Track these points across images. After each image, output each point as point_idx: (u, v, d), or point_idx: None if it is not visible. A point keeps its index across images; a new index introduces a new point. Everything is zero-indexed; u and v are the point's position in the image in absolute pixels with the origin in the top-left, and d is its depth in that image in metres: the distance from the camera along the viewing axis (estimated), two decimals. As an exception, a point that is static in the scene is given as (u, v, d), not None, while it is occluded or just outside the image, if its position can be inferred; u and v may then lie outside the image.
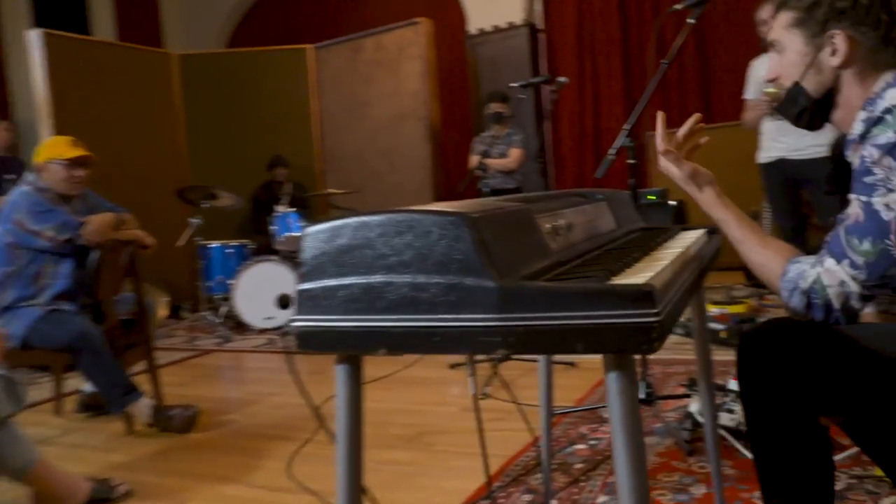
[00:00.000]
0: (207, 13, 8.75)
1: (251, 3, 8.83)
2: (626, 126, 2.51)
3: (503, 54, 6.89)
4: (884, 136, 1.09)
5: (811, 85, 1.29)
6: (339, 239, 0.96)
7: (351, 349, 0.96)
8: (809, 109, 1.30)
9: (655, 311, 0.78)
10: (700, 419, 2.30)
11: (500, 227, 0.94)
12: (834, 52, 1.25)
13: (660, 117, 1.41)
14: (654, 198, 4.91)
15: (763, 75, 4.01)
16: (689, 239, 1.50)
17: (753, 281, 4.70)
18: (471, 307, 0.85)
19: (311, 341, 0.96)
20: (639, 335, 0.78)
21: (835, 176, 2.42)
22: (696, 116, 1.45)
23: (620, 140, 2.49)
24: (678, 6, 2.47)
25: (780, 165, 3.92)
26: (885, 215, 1.10)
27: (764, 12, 3.86)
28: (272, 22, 8.56)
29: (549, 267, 1.01)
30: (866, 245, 1.12)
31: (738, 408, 2.27)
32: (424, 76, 6.68)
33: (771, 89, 3.70)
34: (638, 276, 0.96)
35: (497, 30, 6.92)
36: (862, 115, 1.22)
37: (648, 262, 1.11)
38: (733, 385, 2.38)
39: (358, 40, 7.08)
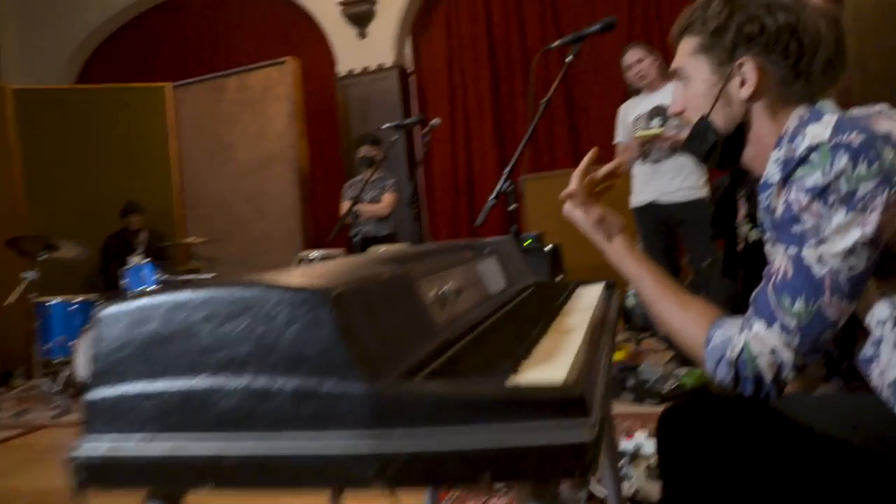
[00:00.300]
0: (53, 45, 8.06)
1: (103, 36, 8.23)
2: (506, 170, 2.35)
3: (374, 96, 6.73)
4: (811, 178, 0.95)
5: (720, 119, 1.15)
6: (146, 325, 0.69)
7: (163, 485, 0.68)
8: (719, 147, 1.16)
9: (588, 419, 0.57)
10: (598, 491, 2.09)
11: (372, 303, 0.70)
12: (743, 83, 1.12)
13: (591, 153, 1.24)
14: (529, 242, 4.86)
15: (632, 119, 4.09)
16: (590, 298, 1.32)
17: (630, 325, 4.70)
18: (333, 423, 0.61)
19: (106, 476, 0.68)
20: (568, 457, 0.56)
21: (717, 219, 2.38)
22: (616, 161, 1.29)
23: (501, 185, 2.33)
24: (555, 44, 2.37)
25: (652, 209, 3.94)
26: (818, 270, 0.96)
27: (629, 57, 3.91)
28: (128, 57, 7.99)
29: (435, 351, 0.78)
30: (798, 306, 0.97)
31: (633, 472, 2.11)
32: (291, 117, 6.40)
33: (642, 132, 3.71)
34: (550, 363, 0.75)
35: (367, 71, 6.77)
36: (776, 153, 1.09)
37: (556, 338, 0.91)
38: (627, 445, 2.23)
39: (220, 79, 6.71)
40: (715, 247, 3.94)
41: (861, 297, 0.98)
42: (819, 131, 0.98)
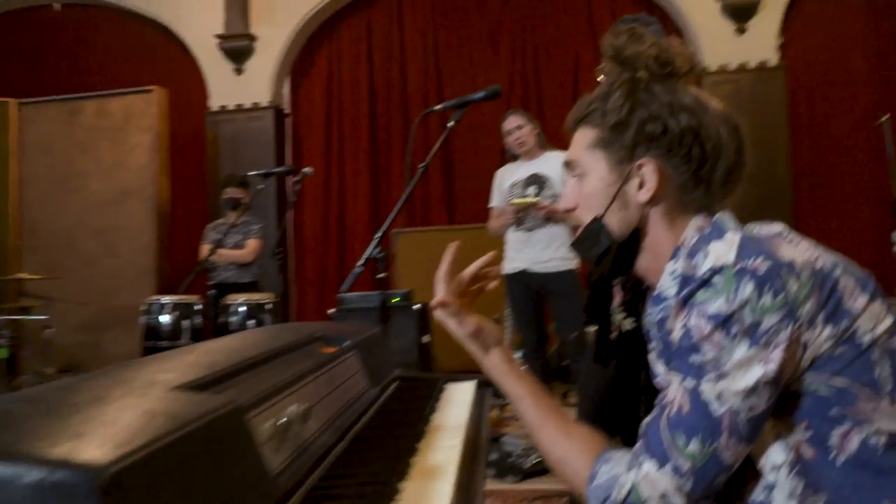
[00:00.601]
0: None
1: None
2: (377, 235, 2.19)
3: (246, 135, 6.42)
4: (713, 304, 0.86)
5: (614, 222, 1.05)
6: None
7: None
8: (613, 252, 1.06)
9: None
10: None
11: (171, 473, 0.51)
12: (641, 185, 1.03)
13: (450, 251, 1.10)
14: (398, 300, 4.71)
15: (508, 185, 4.07)
16: (460, 406, 1.16)
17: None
18: None
19: None
20: None
21: (591, 304, 2.33)
22: (489, 255, 1.15)
23: (370, 251, 2.17)
24: (438, 107, 2.27)
25: (523, 277, 3.90)
26: (716, 408, 0.85)
27: (509, 123, 3.90)
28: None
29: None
30: (693, 446, 0.86)
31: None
32: (154, 150, 5.97)
33: (518, 200, 3.67)
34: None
35: (241, 109, 6.46)
36: (672, 265, 1.00)
37: (421, 486, 0.74)
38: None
39: (76, 101, 6.18)
40: (583, 319, 3.95)
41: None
42: (723, 251, 0.89)
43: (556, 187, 3.78)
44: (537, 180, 3.84)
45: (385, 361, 1.35)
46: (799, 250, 0.88)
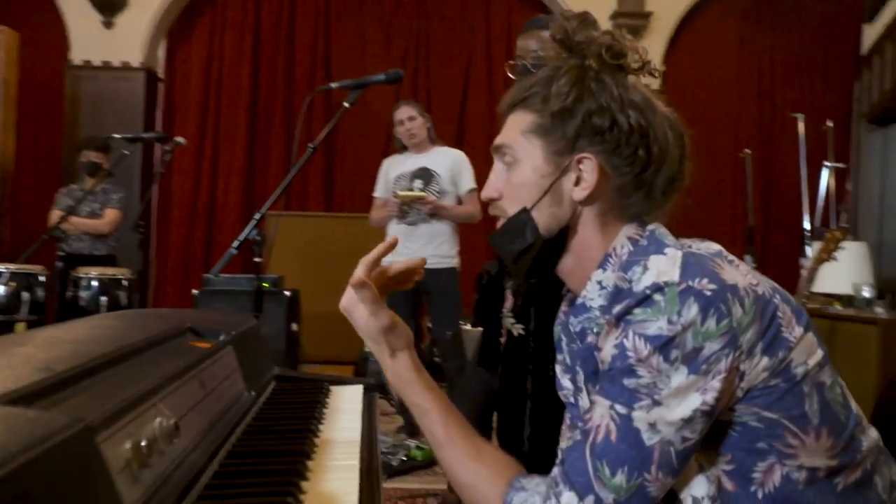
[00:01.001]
0: None
1: None
2: (256, 216, 2.01)
3: (113, 96, 5.89)
4: (653, 324, 0.78)
5: (544, 217, 0.95)
6: None
7: None
8: (535, 250, 0.96)
9: None
10: None
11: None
12: (578, 182, 0.94)
13: (388, 243, 0.97)
14: (267, 285, 4.47)
15: (394, 176, 3.95)
16: (348, 417, 1.03)
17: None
18: None
19: None
20: None
21: (480, 306, 2.26)
22: (392, 239, 1.02)
23: (248, 232, 1.98)
24: (335, 85, 2.11)
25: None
26: (648, 438, 0.77)
27: (402, 113, 3.78)
28: None
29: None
30: (619, 478, 0.78)
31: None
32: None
33: (404, 192, 3.57)
34: None
35: (108, 66, 5.93)
36: (600, 274, 0.92)
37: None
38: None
39: None
40: (459, 317, 3.91)
41: None
42: (666, 268, 0.81)
43: (443, 183, 3.71)
44: (425, 174, 3.75)
45: (263, 358, 1.19)
46: (740, 273, 0.82)
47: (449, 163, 3.76)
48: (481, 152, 6.12)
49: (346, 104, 2.09)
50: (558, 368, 1.11)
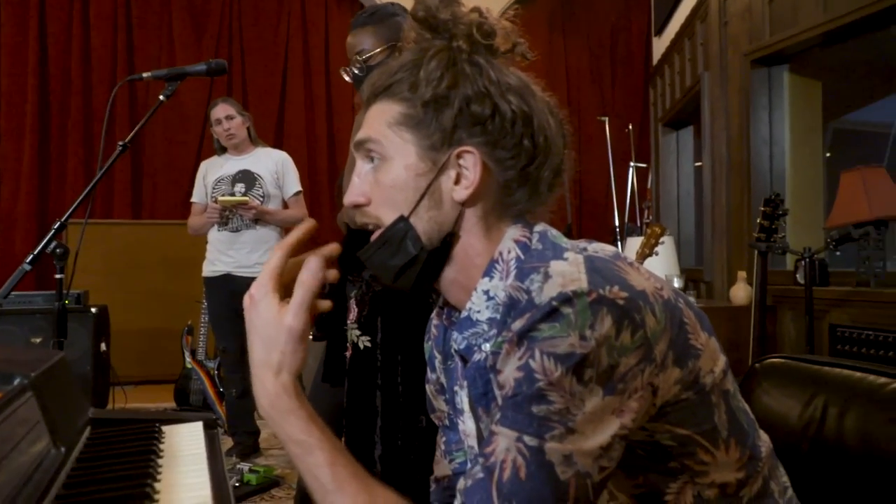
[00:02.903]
0: None
1: None
2: (56, 226, 1.72)
3: None
4: (563, 342, 0.68)
5: (423, 223, 0.82)
6: None
7: None
8: (420, 264, 0.83)
9: None
10: None
11: None
12: (458, 180, 0.82)
13: (305, 226, 0.81)
14: (67, 303, 3.97)
15: (213, 179, 3.65)
16: (191, 460, 0.85)
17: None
18: None
19: None
20: None
21: (322, 318, 2.08)
22: (309, 224, 0.84)
23: (46, 244, 1.68)
24: (147, 75, 1.86)
25: (225, 281, 3.51)
26: (563, 472, 0.67)
27: (219, 111, 3.50)
28: None
29: None
30: (531, 518, 0.67)
31: None
32: None
33: (225, 197, 3.31)
34: None
35: None
36: (486, 283, 0.81)
37: None
38: None
39: None
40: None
41: None
42: (572, 274, 0.71)
43: (267, 186, 3.49)
44: (246, 177, 3.50)
45: (73, 401, 0.96)
46: (643, 277, 0.75)
47: (272, 165, 3.55)
48: (303, 154, 5.93)
49: (161, 97, 1.85)
50: (430, 388, 0.99)
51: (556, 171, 0.84)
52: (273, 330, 0.75)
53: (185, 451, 0.91)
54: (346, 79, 1.99)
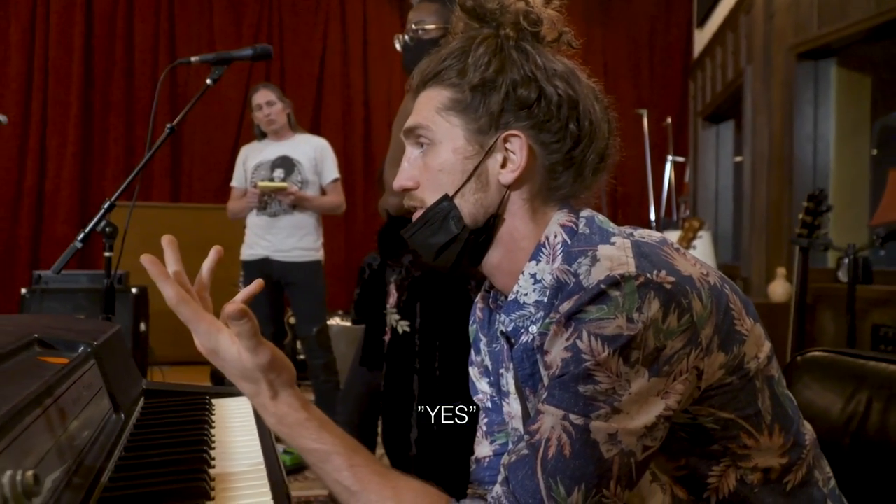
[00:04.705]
0: None
1: None
2: (106, 205, 1.77)
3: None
4: (611, 323, 0.69)
5: (469, 205, 0.84)
6: None
7: None
8: (461, 243, 0.84)
9: None
10: None
11: None
12: (505, 163, 0.84)
13: (167, 244, 0.84)
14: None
15: (253, 165, 3.70)
16: (241, 431, 0.88)
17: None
18: None
19: None
20: None
21: (361, 302, 2.11)
22: (217, 251, 0.90)
23: (97, 223, 1.73)
24: (195, 59, 1.90)
25: (263, 265, 3.56)
26: (607, 451, 0.69)
27: (260, 97, 3.54)
28: None
29: None
30: (575, 496, 0.69)
31: None
32: None
33: (264, 183, 3.35)
34: None
35: None
36: (533, 266, 0.82)
37: None
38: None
39: None
40: (324, 314, 3.74)
41: None
42: (620, 258, 0.73)
43: (306, 172, 3.53)
44: (286, 163, 3.54)
45: (130, 371, 1.00)
46: (689, 263, 0.76)
47: (311, 151, 3.58)
48: (339, 140, 5.97)
49: (208, 81, 1.88)
50: (474, 371, 1.01)
51: (601, 155, 0.86)
52: (245, 371, 0.76)
53: (234, 421, 0.94)
54: (397, 46, 2.01)
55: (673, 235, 3.39)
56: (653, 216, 5.34)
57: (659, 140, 5.73)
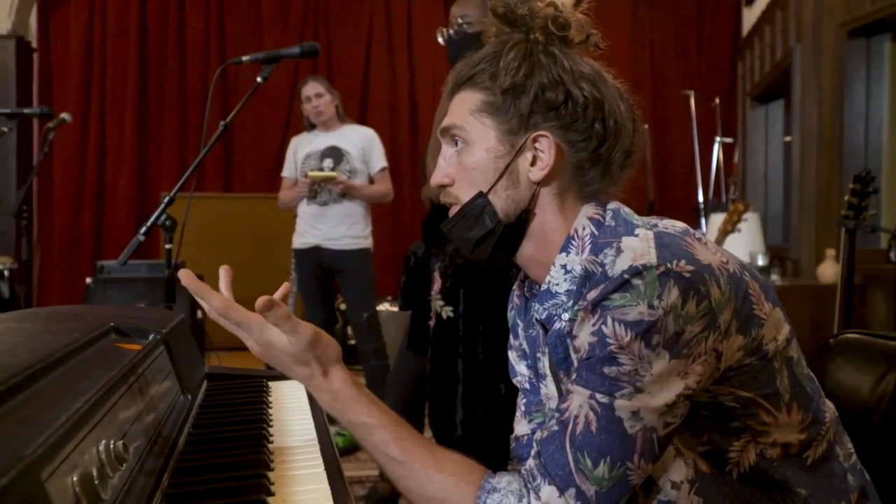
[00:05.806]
0: None
1: None
2: (167, 198, 1.87)
3: (-21, 68, 5.39)
4: (633, 310, 0.75)
5: (501, 201, 0.90)
6: None
7: None
8: (496, 236, 0.90)
9: None
10: None
11: None
12: (534, 161, 0.89)
13: (224, 273, 0.91)
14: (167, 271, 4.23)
15: (303, 155, 3.81)
16: (296, 410, 0.96)
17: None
18: None
19: None
20: None
21: (407, 289, 2.19)
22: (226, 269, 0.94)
23: (157, 217, 1.84)
24: (246, 58, 1.98)
25: (314, 253, 3.67)
26: (631, 426, 0.75)
27: (309, 89, 3.63)
28: None
29: None
30: (602, 469, 0.74)
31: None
32: None
33: (314, 172, 3.44)
34: None
35: (-27, 36, 5.41)
36: (563, 257, 0.88)
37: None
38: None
39: None
40: (374, 300, 3.83)
41: None
42: (641, 249, 0.78)
43: (354, 162, 3.61)
44: (334, 153, 3.63)
45: (194, 356, 1.09)
46: (710, 252, 0.81)
47: (359, 141, 3.66)
48: (385, 129, 6.04)
49: (259, 79, 1.96)
50: (513, 354, 1.07)
51: (627, 152, 0.91)
52: (296, 353, 0.82)
53: (289, 403, 1.02)
54: (440, 40, 2.07)
55: (719, 218, 3.38)
56: (700, 198, 5.27)
57: (707, 121, 5.65)
